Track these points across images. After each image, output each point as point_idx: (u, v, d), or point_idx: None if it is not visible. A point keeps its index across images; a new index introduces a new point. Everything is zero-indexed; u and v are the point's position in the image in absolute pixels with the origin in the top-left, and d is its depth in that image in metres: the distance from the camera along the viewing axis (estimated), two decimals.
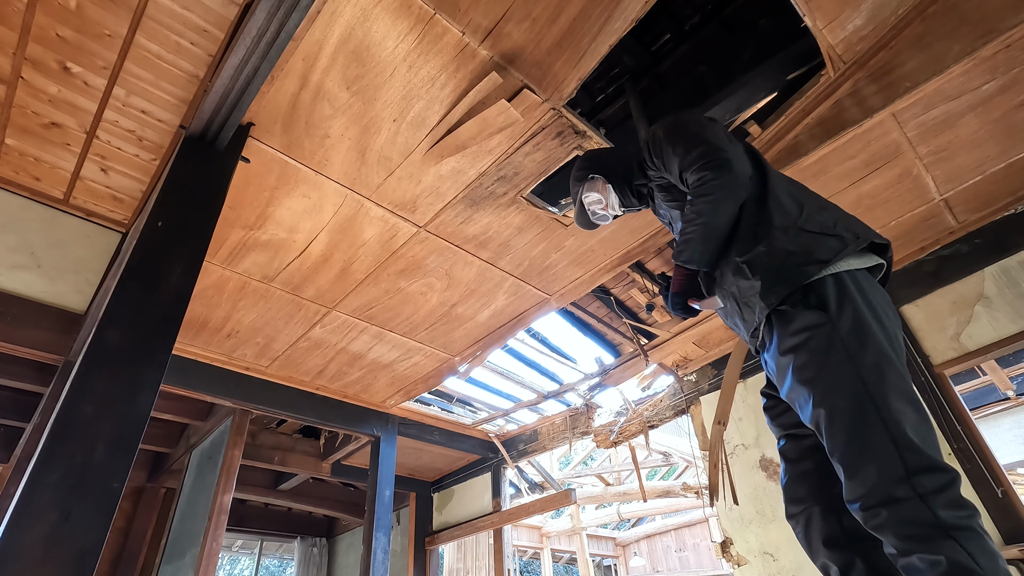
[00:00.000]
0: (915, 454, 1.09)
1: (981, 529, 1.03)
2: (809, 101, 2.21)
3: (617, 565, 11.25)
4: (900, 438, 1.11)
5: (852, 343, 1.21)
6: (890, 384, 1.16)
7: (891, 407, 1.14)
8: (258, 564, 7.69)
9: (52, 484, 1.29)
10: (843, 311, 1.24)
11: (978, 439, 2.52)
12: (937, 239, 2.87)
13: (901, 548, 1.05)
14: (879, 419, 1.13)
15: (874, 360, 1.19)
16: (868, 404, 1.15)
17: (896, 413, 1.13)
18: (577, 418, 4.61)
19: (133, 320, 1.58)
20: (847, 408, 1.17)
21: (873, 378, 1.17)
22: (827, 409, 1.19)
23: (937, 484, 1.06)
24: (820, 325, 1.25)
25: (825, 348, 1.23)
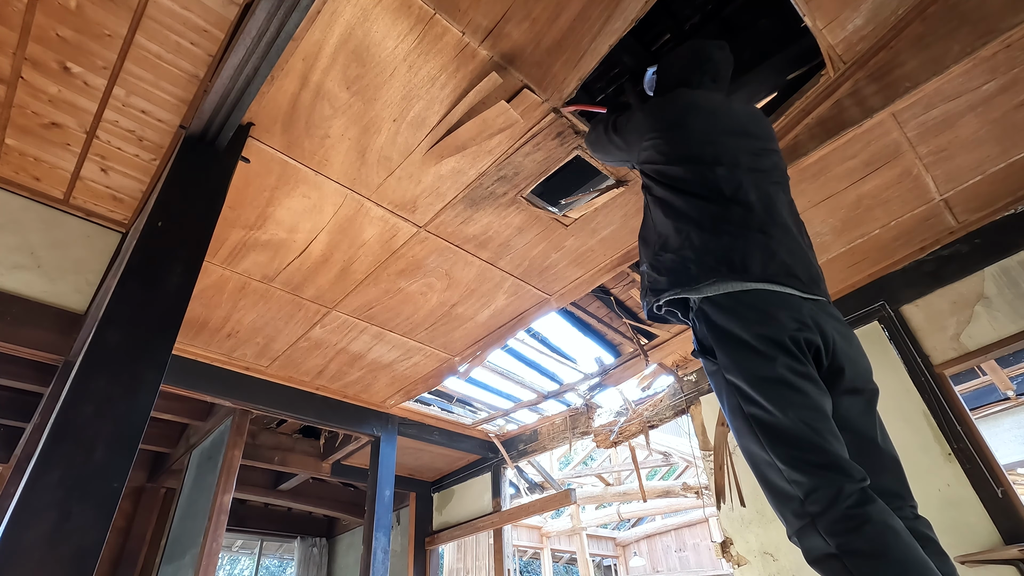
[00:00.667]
0: (795, 485, 1.11)
1: (869, 535, 1.00)
2: (809, 101, 2.21)
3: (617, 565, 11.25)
4: (785, 476, 1.13)
5: (731, 386, 1.26)
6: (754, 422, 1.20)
7: (771, 450, 1.16)
8: (258, 564, 7.69)
9: (52, 484, 1.29)
10: (714, 352, 1.29)
11: (978, 439, 2.52)
12: (937, 239, 2.87)
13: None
14: (770, 463, 1.16)
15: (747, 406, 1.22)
16: (758, 455, 1.20)
17: (774, 455, 1.15)
18: (577, 418, 4.61)
19: (133, 320, 1.58)
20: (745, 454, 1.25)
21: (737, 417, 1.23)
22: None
23: (818, 508, 1.06)
24: (712, 372, 1.32)
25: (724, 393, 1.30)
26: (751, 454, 1.23)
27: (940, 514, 2.52)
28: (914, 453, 2.68)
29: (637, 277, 3.46)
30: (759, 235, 1.37)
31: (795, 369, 1.19)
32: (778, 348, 1.20)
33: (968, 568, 2.37)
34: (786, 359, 1.19)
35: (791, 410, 1.15)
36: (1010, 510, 2.34)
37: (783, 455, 1.14)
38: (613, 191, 2.47)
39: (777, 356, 1.20)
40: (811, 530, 1.07)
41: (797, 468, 1.11)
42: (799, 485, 1.10)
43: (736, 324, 1.26)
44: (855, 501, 1.04)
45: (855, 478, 1.07)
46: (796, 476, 1.10)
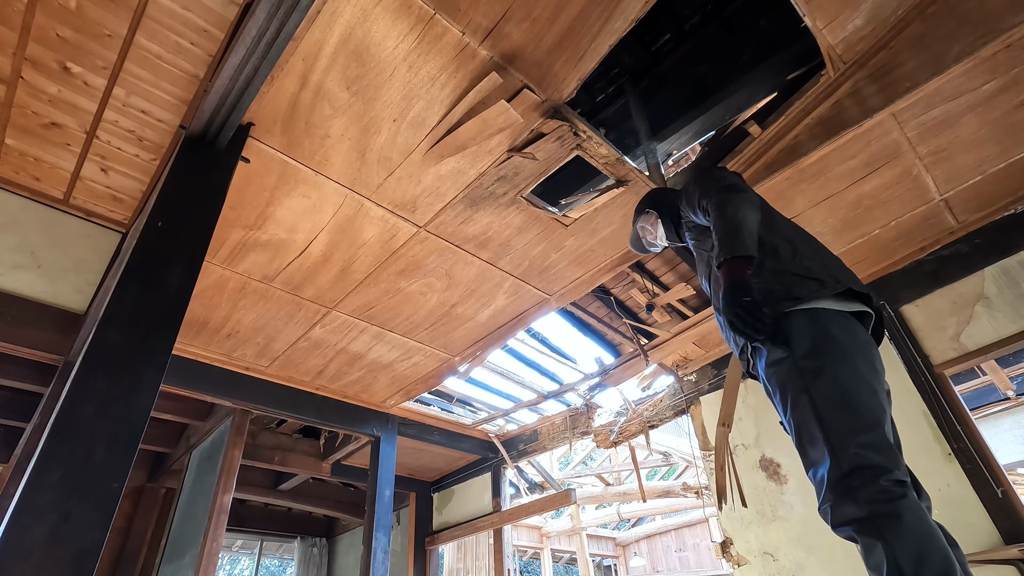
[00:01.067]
0: (847, 458, 1.23)
1: (903, 508, 1.13)
2: (809, 101, 2.21)
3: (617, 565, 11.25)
4: (832, 445, 1.26)
5: (808, 373, 1.34)
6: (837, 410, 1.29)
7: (832, 425, 1.28)
8: (258, 564, 7.69)
9: (52, 484, 1.29)
10: (802, 343, 1.38)
11: (978, 439, 2.52)
12: (937, 239, 2.87)
13: (848, 535, 1.21)
14: (822, 435, 1.28)
15: (826, 390, 1.31)
16: (814, 423, 1.31)
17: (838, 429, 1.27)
18: (577, 418, 4.60)
19: (133, 320, 1.58)
20: (804, 425, 1.34)
21: (824, 404, 1.31)
22: (794, 429, 1.36)
23: (861, 481, 1.19)
24: (782, 359, 1.40)
25: (785, 379, 1.39)
26: (814, 422, 1.30)
27: (940, 514, 2.51)
28: (914, 453, 2.68)
29: (637, 277, 3.46)
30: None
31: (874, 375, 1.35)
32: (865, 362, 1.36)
33: None
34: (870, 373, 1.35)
35: (868, 403, 1.28)
36: (1010, 510, 2.34)
37: (842, 429, 1.25)
38: (613, 191, 2.47)
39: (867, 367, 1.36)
40: (848, 499, 1.18)
41: (853, 447, 1.22)
42: (851, 460, 1.21)
43: (851, 341, 1.39)
44: (895, 483, 1.16)
45: (902, 469, 1.21)
46: (852, 451, 1.21)
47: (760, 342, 1.45)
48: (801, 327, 1.40)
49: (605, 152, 2.29)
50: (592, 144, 2.25)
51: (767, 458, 3.28)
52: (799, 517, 3.03)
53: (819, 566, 2.88)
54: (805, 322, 1.40)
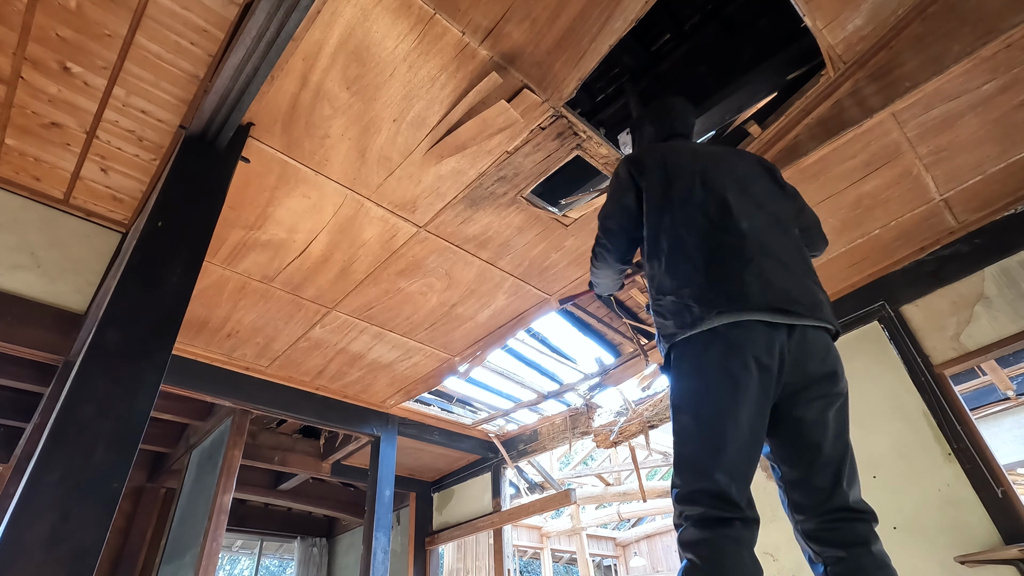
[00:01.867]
0: (678, 489, 1.28)
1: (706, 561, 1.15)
2: (809, 101, 2.21)
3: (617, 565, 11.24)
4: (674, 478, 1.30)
5: (672, 408, 1.38)
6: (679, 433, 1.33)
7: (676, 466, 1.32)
8: (258, 564, 7.69)
9: (52, 484, 1.29)
10: (672, 382, 1.41)
11: (978, 439, 2.52)
12: (937, 239, 2.87)
13: None
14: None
15: (675, 428, 1.35)
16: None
17: (676, 470, 1.31)
18: (577, 418, 4.60)
19: (133, 320, 1.58)
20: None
21: (675, 441, 1.34)
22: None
23: (684, 522, 1.24)
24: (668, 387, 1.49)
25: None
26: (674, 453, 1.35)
27: (940, 514, 2.52)
28: (914, 453, 2.68)
29: (637, 277, 3.46)
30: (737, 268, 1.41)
31: (731, 400, 1.26)
32: (722, 377, 1.28)
33: (968, 568, 2.37)
34: (723, 388, 1.27)
35: (707, 436, 1.26)
36: (1010, 510, 2.34)
37: (683, 473, 1.27)
38: None
39: (716, 386, 1.28)
40: (679, 544, 1.21)
41: (683, 493, 1.25)
42: (682, 500, 1.25)
43: (694, 353, 1.34)
44: (712, 524, 1.18)
45: (727, 510, 1.19)
46: (685, 491, 1.25)
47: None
48: (677, 357, 1.40)
49: (605, 152, 2.29)
50: (592, 144, 2.25)
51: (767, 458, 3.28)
52: None
53: None
54: (678, 353, 1.40)
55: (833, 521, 1.26)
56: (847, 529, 1.24)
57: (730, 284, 1.33)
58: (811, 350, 1.32)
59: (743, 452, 1.24)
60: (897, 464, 2.72)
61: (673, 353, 1.41)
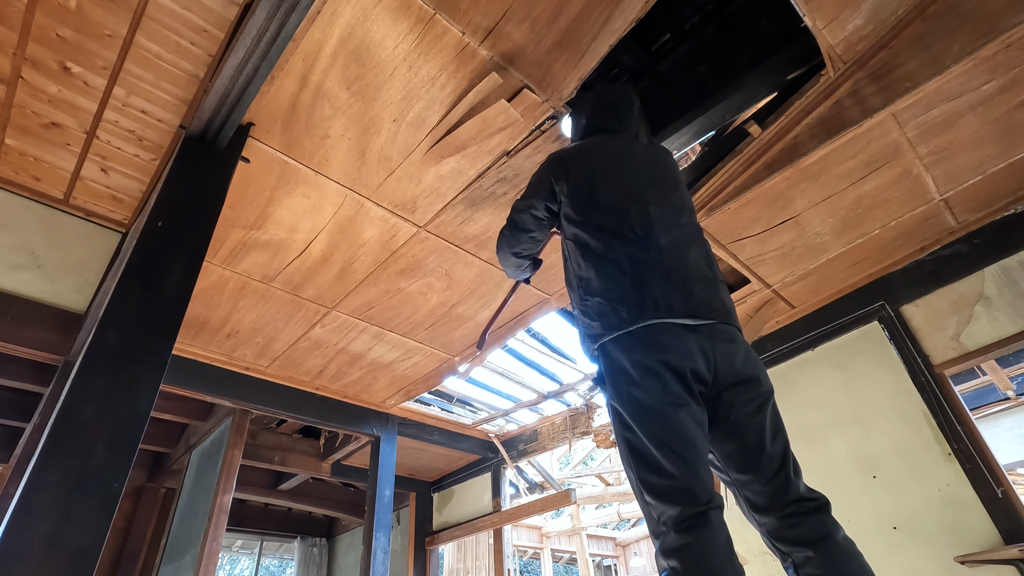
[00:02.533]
0: (649, 494, 1.26)
1: (693, 566, 1.14)
2: (809, 101, 2.21)
3: (617, 565, 11.24)
4: (644, 503, 1.28)
5: (614, 423, 1.38)
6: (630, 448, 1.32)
7: (635, 474, 1.31)
8: (258, 564, 7.69)
9: (52, 484, 1.28)
10: (607, 388, 1.41)
11: (978, 439, 2.52)
12: (937, 239, 2.87)
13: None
14: (637, 487, 1.31)
15: (622, 442, 1.35)
16: (631, 479, 1.33)
17: (637, 478, 1.30)
18: (577, 418, 4.61)
19: (133, 320, 1.58)
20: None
21: (626, 457, 1.34)
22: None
23: (663, 529, 1.22)
24: (607, 404, 1.43)
25: (611, 419, 1.41)
26: (629, 479, 1.33)
27: (940, 514, 2.52)
28: (914, 453, 2.68)
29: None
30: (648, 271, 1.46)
31: (666, 395, 1.28)
32: (652, 375, 1.30)
33: (968, 568, 2.37)
34: (656, 385, 1.29)
35: (652, 436, 1.26)
36: (1010, 510, 2.34)
37: (642, 478, 1.27)
38: None
39: (649, 383, 1.30)
40: (659, 552, 1.20)
41: (650, 491, 1.25)
42: (652, 507, 1.24)
43: (622, 354, 1.37)
44: (688, 525, 1.16)
45: (699, 501, 1.19)
46: (650, 499, 1.25)
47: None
48: (606, 360, 1.42)
49: None
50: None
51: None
52: None
53: None
54: (606, 355, 1.42)
55: (793, 516, 1.28)
56: (809, 524, 1.26)
57: (655, 292, 1.40)
58: (732, 351, 1.38)
59: (694, 442, 1.26)
60: (897, 464, 2.72)
61: (601, 355, 1.44)
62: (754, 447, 1.35)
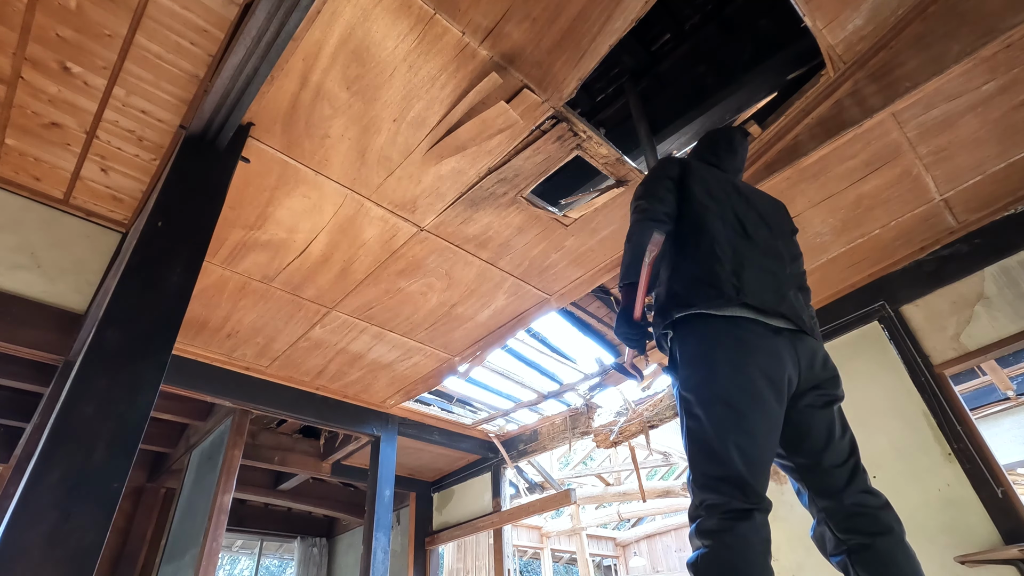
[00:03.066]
0: (700, 477, 1.31)
1: (727, 549, 1.18)
2: (809, 101, 2.21)
3: (617, 565, 11.24)
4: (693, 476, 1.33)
5: (682, 402, 1.41)
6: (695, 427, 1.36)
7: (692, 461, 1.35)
8: (258, 564, 7.69)
9: (52, 484, 1.29)
10: (683, 369, 1.43)
11: (978, 439, 2.52)
12: (937, 239, 2.87)
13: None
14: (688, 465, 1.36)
15: (690, 423, 1.38)
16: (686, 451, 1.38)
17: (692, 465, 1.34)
18: (577, 418, 4.60)
19: (133, 320, 1.58)
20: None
21: (688, 436, 1.38)
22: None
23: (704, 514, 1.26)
24: (673, 384, 1.48)
25: (677, 402, 1.45)
26: (685, 450, 1.38)
27: (940, 514, 2.52)
28: (914, 453, 2.68)
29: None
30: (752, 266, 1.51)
31: (751, 398, 1.31)
32: (740, 375, 1.33)
33: (968, 568, 2.37)
34: (744, 385, 1.32)
35: (723, 432, 1.29)
36: (1010, 510, 2.34)
37: (698, 462, 1.31)
38: (613, 191, 2.47)
39: (737, 381, 1.33)
40: (693, 533, 1.25)
41: (703, 477, 1.28)
42: (697, 492, 1.28)
43: (708, 342, 1.40)
44: (733, 516, 1.20)
45: (750, 499, 1.22)
46: (700, 482, 1.28)
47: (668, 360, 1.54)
48: (684, 344, 1.44)
49: (605, 152, 2.29)
50: (592, 144, 2.26)
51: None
52: (799, 517, 3.03)
53: (819, 566, 2.88)
54: (688, 336, 1.44)
55: (857, 506, 1.33)
56: (872, 517, 1.31)
57: (752, 285, 1.45)
58: (816, 357, 1.45)
59: (766, 441, 1.28)
60: (897, 464, 2.72)
61: (685, 331, 1.44)
62: (825, 434, 1.41)
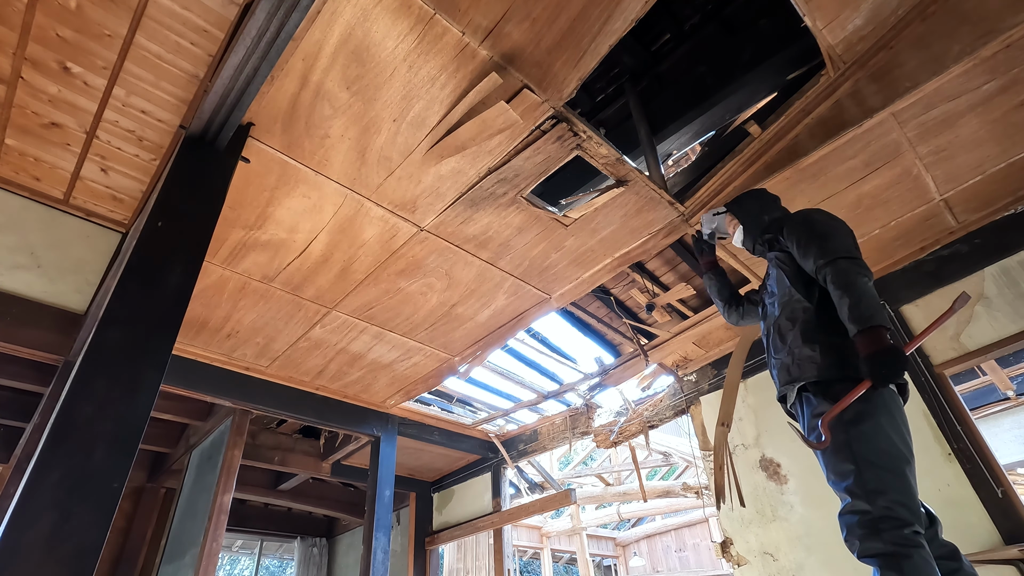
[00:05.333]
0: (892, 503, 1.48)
1: (920, 556, 1.40)
2: (809, 101, 2.21)
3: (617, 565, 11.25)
4: (860, 491, 1.52)
5: (853, 427, 1.57)
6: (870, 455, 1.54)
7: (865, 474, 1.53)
8: (258, 564, 7.69)
9: (52, 484, 1.28)
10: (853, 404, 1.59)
11: (978, 439, 2.52)
12: (937, 239, 2.87)
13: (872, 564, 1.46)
14: (862, 482, 1.53)
15: (871, 445, 1.55)
16: (855, 470, 1.55)
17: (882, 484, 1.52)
18: (577, 418, 4.61)
19: (133, 320, 1.58)
20: (844, 471, 1.58)
21: (867, 456, 1.54)
22: (834, 473, 1.60)
23: (889, 526, 1.45)
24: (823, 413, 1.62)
25: (833, 427, 1.59)
26: (844, 471, 1.55)
27: (940, 514, 2.49)
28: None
29: (637, 277, 3.46)
30: None
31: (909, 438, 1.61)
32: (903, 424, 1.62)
33: None
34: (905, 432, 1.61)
35: (900, 460, 1.53)
36: (1010, 510, 2.34)
37: (883, 486, 1.48)
38: (613, 191, 2.47)
39: (903, 428, 1.60)
40: (875, 538, 1.43)
41: (886, 499, 1.46)
42: (882, 508, 1.45)
43: (892, 398, 1.63)
44: (914, 533, 1.43)
45: (921, 523, 1.46)
46: (884, 502, 1.46)
47: (812, 393, 1.68)
48: (882, 398, 1.59)
49: (605, 152, 2.29)
50: (592, 144, 2.25)
51: (767, 458, 3.28)
52: (799, 517, 3.03)
53: (819, 566, 2.88)
54: (881, 395, 1.59)
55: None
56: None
57: None
58: None
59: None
60: None
61: (879, 393, 1.59)
62: None
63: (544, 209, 2.58)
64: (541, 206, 2.57)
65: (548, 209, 2.59)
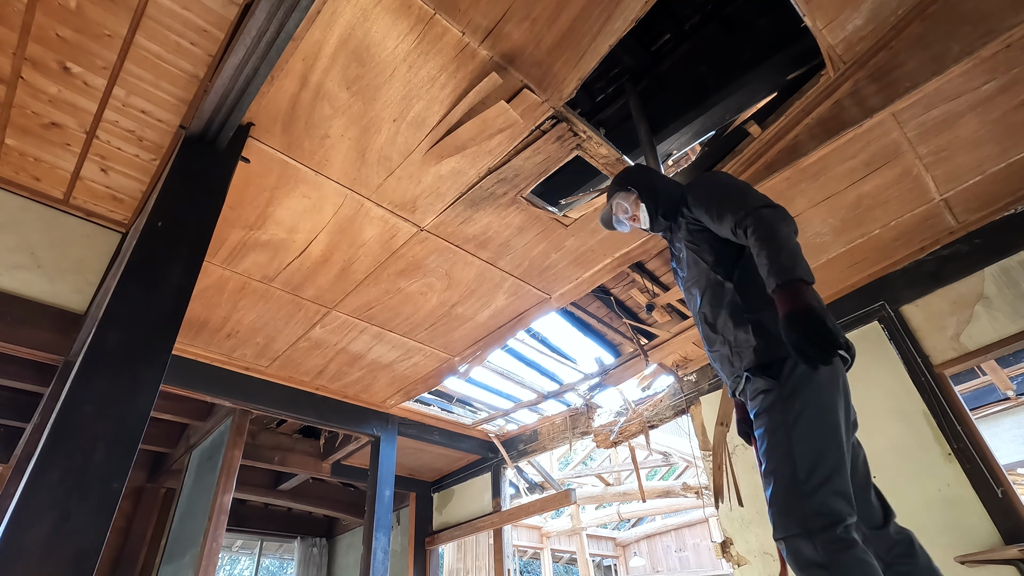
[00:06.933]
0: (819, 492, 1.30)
1: (854, 558, 1.20)
2: (809, 101, 2.21)
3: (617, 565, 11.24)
4: (799, 483, 1.30)
5: (790, 409, 1.38)
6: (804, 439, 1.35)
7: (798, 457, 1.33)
8: (258, 564, 7.69)
9: (52, 484, 1.29)
10: (788, 380, 1.40)
11: (978, 439, 2.52)
12: (937, 239, 2.87)
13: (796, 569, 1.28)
14: (792, 471, 1.32)
15: (802, 429, 1.36)
16: (787, 457, 1.35)
17: (807, 473, 1.31)
18: (577, 418, 4.60)
19: (133, 320, 1.58)
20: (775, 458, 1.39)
21: (799, 442, 1.34)
22: (766, 458, 1.40)
23: (820, 525, 1.24)
24: (768, 391, 1.43)
25: (768, 408, 1.41)
26: (777, 466, 1.36)
27: (940, 514, 2.52)
28: (914, 453, 2.68)
29: (637, 277, 3.46)
30: None
31: (841, 414, 1.38)
32: (843, 399, 1.42)
33: (968, 568, 2.37)
34: (843, 410, 1.40)
35: (839, 446, 1.33)
36: (1010, 510, 2.34)
37: (818, 475, 1.28)
38: None
39: (842, 405, 1.39)
40: (806, 539, 1.23)
41: (822, 491, 1.26)
42: (816, 504, 1.26)
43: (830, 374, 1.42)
44: (846, 529, 1.23)
45: (853, 513, 1.27)
46: (819, 497, 1.26)
47: (751, 372, 1.48)
48: (792, 364, 1.41)
49: (605, 152, 2.29)
50: (592, 144, 2.26)
51: None
52: None
53: None
54: (802, 370, 1.40)
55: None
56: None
57: None
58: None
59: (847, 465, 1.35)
60: (897, 464, 2.72)
61: (795, 367, 1.40)
62: (858, 466, 1.55)
63: (544, 209, 2.58)
64: (541, 206, 2.57)
65: (548, 209, 2.59)
